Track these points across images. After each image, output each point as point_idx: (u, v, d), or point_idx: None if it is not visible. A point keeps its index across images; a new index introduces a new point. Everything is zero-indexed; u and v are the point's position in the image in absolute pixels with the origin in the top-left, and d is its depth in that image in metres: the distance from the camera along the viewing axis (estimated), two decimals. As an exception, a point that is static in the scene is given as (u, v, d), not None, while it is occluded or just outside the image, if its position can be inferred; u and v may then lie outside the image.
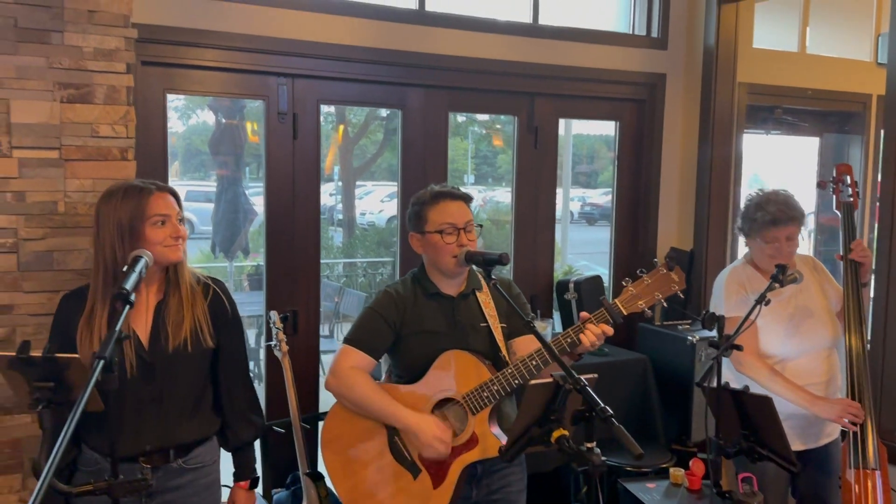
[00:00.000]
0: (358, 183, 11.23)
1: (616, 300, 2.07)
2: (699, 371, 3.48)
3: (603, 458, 1.74)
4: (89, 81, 2.35)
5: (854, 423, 2.66)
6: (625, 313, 2.06)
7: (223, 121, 6.22)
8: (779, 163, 4.83)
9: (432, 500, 2.20)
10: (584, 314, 2.09)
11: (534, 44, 3.67)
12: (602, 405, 1.71)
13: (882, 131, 4.53)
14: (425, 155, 3.64)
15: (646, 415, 3.60)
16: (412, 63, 3.47)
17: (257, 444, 3.20)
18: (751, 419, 2.35)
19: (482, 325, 2.26)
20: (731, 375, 2.68)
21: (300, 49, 3.26)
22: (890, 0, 3.22)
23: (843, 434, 2.72)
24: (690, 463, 2.48)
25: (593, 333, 2.06)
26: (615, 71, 3.89)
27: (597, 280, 3.90)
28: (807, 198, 4.15)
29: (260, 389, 3.70)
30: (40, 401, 1.73)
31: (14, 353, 1.70)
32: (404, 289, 2.31)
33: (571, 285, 3.76)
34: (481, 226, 2.30)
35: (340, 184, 10.39)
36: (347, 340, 2.27)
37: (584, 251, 5.70)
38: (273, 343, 3.11)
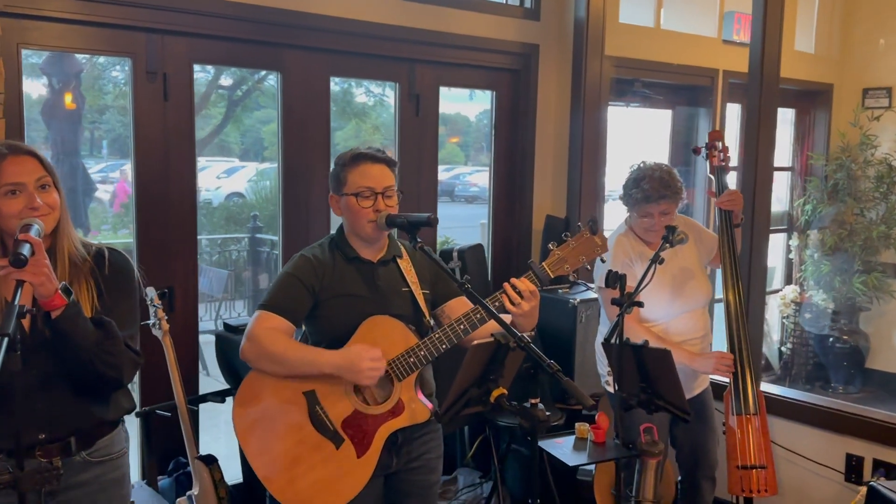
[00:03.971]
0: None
1: (543, 263, 2.09)
2: (580, 332, 3.63)
3: (548, 414, 1.77)
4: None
5: (729, 374, 2.90)
6: (552, 276, 2.09)
7: (57, 86, 5.65)
8: (635, 135, 5.10)
9: (356, 469, 2.13)
10: (513, 279, 2.09)
11: (414, 8, 3.63)
12: (549, 361, 1.73)
13: (727, 105, 4.94)
14: (307, 121, 3.49)
15: (530, 377, 3.70)
16: (292, 23, 3.31)
17: (136, 431, 3.00)
18: (649, 372, 2.48)
19: (404, 289, 2.22)
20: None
21: (171, 3, 3.01)
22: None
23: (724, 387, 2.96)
24: (596, 417, 2.59)
25: (515, 289, 2.05)
26: (492, 39, 3.92)
27: (479, 248, 3.95)
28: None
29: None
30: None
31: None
32: (322, 252, 2.22)
33: (455, 254, 3.79)
34: (402, 192, 2.24)
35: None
36: (263, 306, 2.14)
37: (451, 225, 5.78)
38: (151, 322, 2.88)
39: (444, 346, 2.09)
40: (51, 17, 2.79)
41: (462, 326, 2.08)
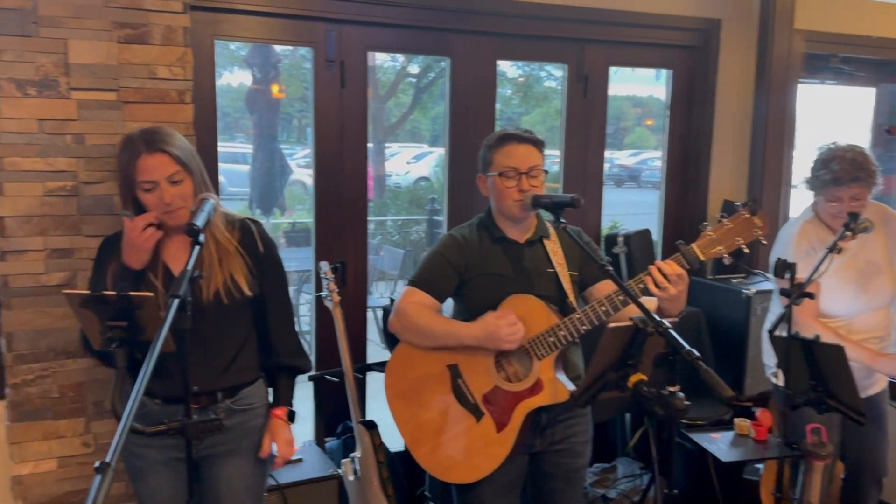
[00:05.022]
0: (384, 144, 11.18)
1: (693, 244, 2.00)
2: (754, 325, 3.42)
3: (687, 403, 1.70)
4: (146, 21, 2.30)
5: None
6: (702, 258, 1.98)
7: (259, 75, 6.16)
8: (831, 114, 4.67)
9: (495, 444, 2.17)
10: (658, 262, 2.02)
11: (585, -14, 3.56)
12: (688, 347, 1.66)
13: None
14: (473, 105, 3.55)
15: (669, 364, 3.54)
16: (460, 8, 3.37)
17: (310, 394, 3.24)
18: (820, 369, 2.29)
19: (549, 270, 2.21)
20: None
21: (349, -6, 3.18)
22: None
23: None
24: (757, 413, 2.43)
25: (660, 272, 1.97)
26: (668, 16, 3.75)
27: (646, 234, 3.82)
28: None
29: (309, 341, 3.72)
30: (113, 340, 1.72)
31: (88, 292, 1.69)
32: (470, 232, 2.27)
33: (621, 239, 3.69)
34: (547, 171, 2.23)
35: (371, 144, 10.36)
36: (411, 282, 2.25)
37: (616, 213, 5.61)
38: (324, 294, 3.08)
39: (584, 328, 2.07)
40: (242, 9, 3.05)
41: (603, 308, 2.05)
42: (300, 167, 9.29)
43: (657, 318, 1.72)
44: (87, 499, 1.17)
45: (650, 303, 1.97)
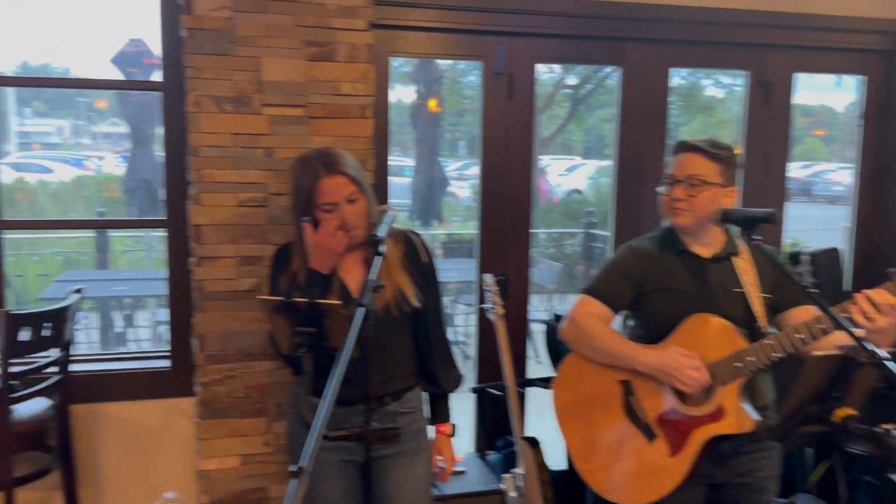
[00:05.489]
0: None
1: (911, 268, 1.80)
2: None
3: (905, 443, 1.52)
4: (332, 39, 2.39)
5: None
6: (916, 289, 1.79)
7: (422, 91, 6.31)
8: None
9: (668, 467, 2.06)
10: (867, 291, 1.83)
11: (767, -11, 3.35)
12: (910, 382, 1.49)
13: None
14: (644, 115, 3.44)
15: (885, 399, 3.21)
16: (633, 16, 3.27)
17: (470, 404, 3.24)
18: None
19: (737, 290, 2.07)
20: None
21: (517, 6, 3.17)
22: None
23: None
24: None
25: (869, 301, 1.80)
26: (861, 18, 3.46)
27: (833, 254, 3.53)
28: None
29: (469, 353, 3.73)
30: (301, 345, 1.79)
31: (282, 298, 1.76)
32: (650, 244, 2.18)
33: (806, 257, 3.43)
34: (706, 182, 2.06)
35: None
36: (586, 290, 2.18)
37: (807, 227, 5.24)
38: (487, 306, 3.08)
39: (776, 355, 1.92)
40: (415, 26, 3.11)
41: (800, 336, 1.88)
42: (452, 180, 9.45)
43: (872, 348, 1.55)
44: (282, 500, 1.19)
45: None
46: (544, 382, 3.24)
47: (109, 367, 2.88)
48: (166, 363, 2.89)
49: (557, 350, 3.21)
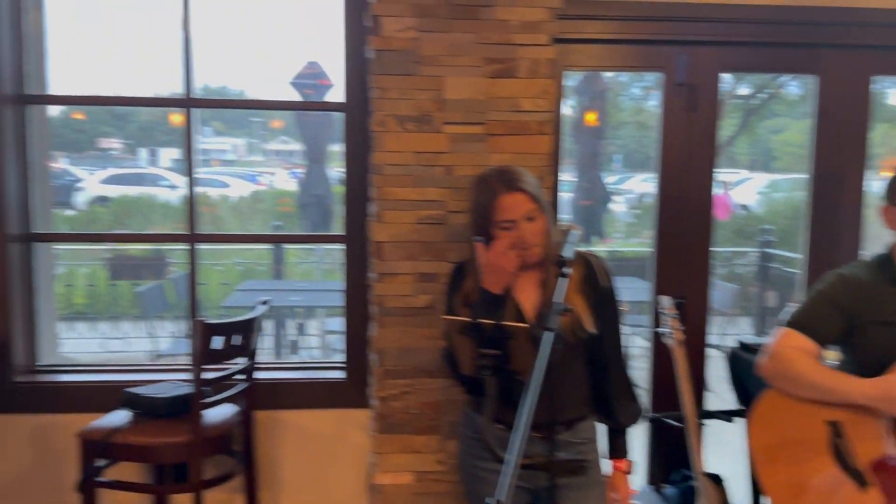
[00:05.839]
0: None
1: None
2: None
3: None
4: (514, 55, 2.37)
5: None
6: None
7: (585, 105, 6.20)
8: None
9: (883, 521, 1.83)
10: None
11: None
12: None
13: None
14: (843, 127, 3.16)
15: None
16: (831, 21, 3.01)
17: (644, 434, 3.08)
18: None
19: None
20: None
21: (701, 14, 3.00)
22: None
23: None
24: None
25: None
26: None
27: None
28: None
29: (643, 379, 3.57)
30: (485, 367, 1.75)
31: (469, 318, 1.73)
32: (864, 272, 1.97)
33: None
34: None
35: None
36: (789, 323, 2.00)
37: None
38: (664, 330, 2.92)
39: None
40: (591, 38, 3.03)
41: None
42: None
43: None
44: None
45: None
46: (727, 416, 3.03)
47: (286, 375, 3.00)
48: (341, 374, 2.96)
49: (743, 382, 2.99)
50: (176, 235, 3.33)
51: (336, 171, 8.91)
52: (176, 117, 13.41)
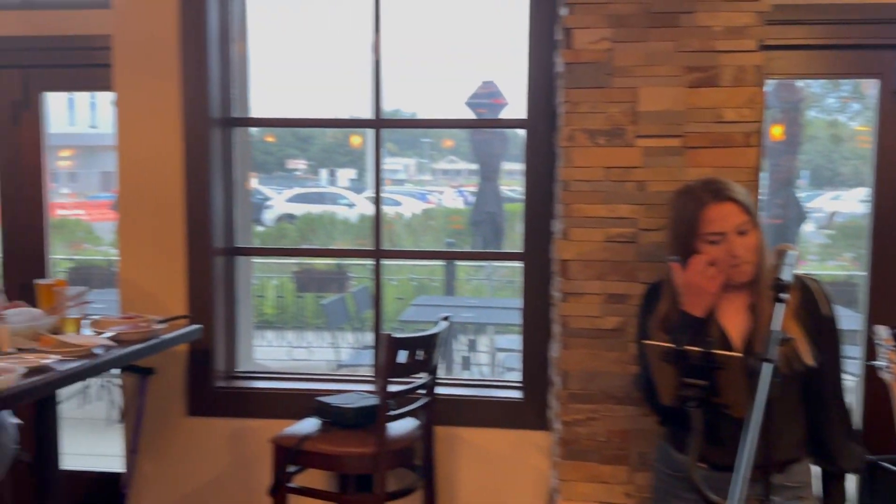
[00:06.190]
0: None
1: None
2: None
3: None
4: (716, 63, 2.22)
5: None
6: None
7: (777, 115, 5.78)
8: None
9: None
10: None
11: None
12: None
13: None
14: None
15: None
16: None
17: (857, 480, 2.77)
18: None
19: None
20: None
21: (924, 14, 2.69)
22: None
23: None
24: None
25: None
26: None
27: None
28: None
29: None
30: (689, 398, 1.62)
31: (673, 345, 1.62)
32: None
33: None
34: None
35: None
36: None
37: None
38: (881, 364, 2.61)
39: None
40: (795, 45, 2.81)
41: None
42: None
43: None
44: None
45: None
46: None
47: (462, 392, 2.98)
48: (517, 394, 2.91)
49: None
50: (363, 251, 3.44)
51: (507, 189, 8.92)
52: (355, 139, 14.02)
